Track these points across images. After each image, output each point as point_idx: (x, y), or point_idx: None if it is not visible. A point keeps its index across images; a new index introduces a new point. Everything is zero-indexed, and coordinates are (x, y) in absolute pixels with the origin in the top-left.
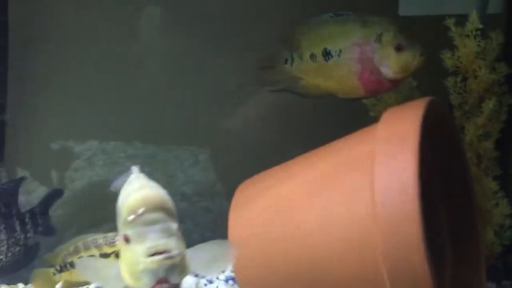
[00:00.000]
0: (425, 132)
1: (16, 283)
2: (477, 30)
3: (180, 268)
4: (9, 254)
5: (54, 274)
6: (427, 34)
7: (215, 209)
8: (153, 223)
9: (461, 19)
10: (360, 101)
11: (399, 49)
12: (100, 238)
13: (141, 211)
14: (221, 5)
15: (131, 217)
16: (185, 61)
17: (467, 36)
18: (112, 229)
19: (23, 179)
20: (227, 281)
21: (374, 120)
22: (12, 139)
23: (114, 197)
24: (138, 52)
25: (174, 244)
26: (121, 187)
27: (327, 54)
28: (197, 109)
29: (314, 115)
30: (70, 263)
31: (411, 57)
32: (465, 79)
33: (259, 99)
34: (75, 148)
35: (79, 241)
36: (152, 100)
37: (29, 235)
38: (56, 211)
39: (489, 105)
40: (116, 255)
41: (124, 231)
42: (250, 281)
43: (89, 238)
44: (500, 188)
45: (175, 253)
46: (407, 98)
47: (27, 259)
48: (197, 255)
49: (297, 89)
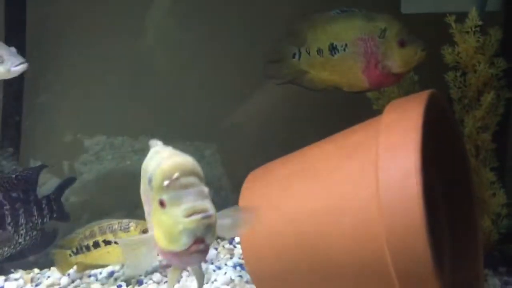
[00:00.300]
0: (426, 124)
1: (32, 268)
2: (476, 26)
3: (213, 229)
4: (27, 238)
5: (70, 255)
6: (428, 31)
7: (220, 203)
8: (187, 186)
9: (461, 16)
10: (364, 94)
11: (402, 44)
12: (115, 223)
13: (175, 176)
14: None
15: (166, 182)
16: (190, 60)
17: (467, 32)
18: (124, 217)
19: (42, 167)
20: (235, 267)
21: (378, 113)
22: (26, 134)
23: (125, 186)
24: (145, 51)
25: (209, 205)
26: None
27: (333, 48)
28: (203, 105)
29: (319, 109)
30: (86, 246)
31: (413, 52)
32: (464, 74)
33: (264, 94)
34: (85, 142)
35: (95, 226)
36: (158, 97)
37: (45, 220)
38: (70, 199)
39: (488, 98)
40: None
41: (158, 196)
42: (259, 266)
43: (105, 223)
44: (497, 178)
45: (211, 213)
46: (408, 92)
47: (44, 243)
48: (219, 220)
49: (304, 82)
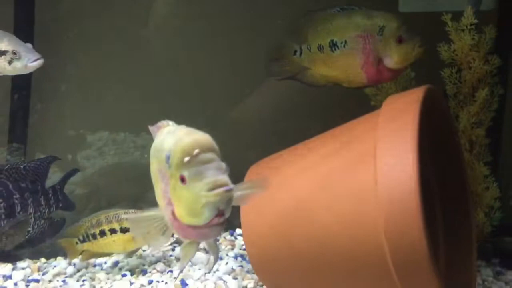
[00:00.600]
0: (423, 118)
1: (39, 258)
2: (471, 25)
3: (232, 202)
4: (36, 226)
5: (77, 243)
6: (425, 29)
7: None
8: (207, 162)
9: (457, 15)
10: (362, 91)
11: (399, 41)
12: (121, 213)
13: (196, 152)
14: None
15: (187, 159)
16: (191, 56)
17: (462, 30)
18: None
19: (51, 158)
20: (236, 257)
21: (376, 109)
22: (32, 130)
23: (128, 178)
24: (146, 49)
25: (228, 179)
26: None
27: (333, 45)
28: (204, 102)
29: (318, 106)
30: (92, 234)
31: (411, 49)
32: (460, 71)
33: (266, 88)
34: (88, 138)
35: (102, 215)
36: (159, 93)
37: (52, 209)
38: (76, 191)
39: (482, 94)
40: None
41: (178, 173)
42: (260, 252)
43: (111, 212)
44: (490, 172)
45: (232, 186)
46: (405, 88)
47: (52, 232)
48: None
49: (305, 78)
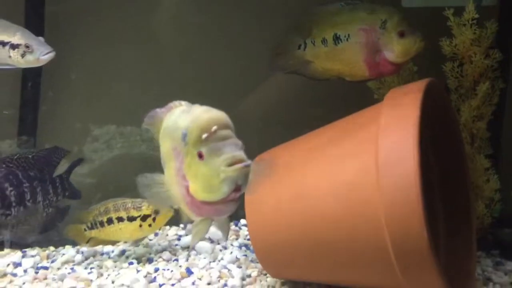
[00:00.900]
0: (425, 110)
1: (47, 246)
2: (473, 19)
3: (248, 178)
4: (44, 214)
5: (85, 230)
6: (428, 23)
7: None
8: (225, 138)
9: (460, 10)
10: (365, 85)
11: (401, 35)
12: (128, 202)
13: (214, 128)
14: None
15: (205, 135)
16: (199, 51)
17: (464, 25)
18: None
19: (61, 150)
20: (240, 247)
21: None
22: (41, 123)
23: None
24: (154, 44)
25: (245, 156)
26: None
27: (337, 38)
28: (212, 94)
29: (323, 99)
30: (100, 222)
31: (412, 42)
32: (461, 65)
33: (272, 81)
34: (95, 131)
35: (110, 203)
36: (166, 87)
37: (59, 198)
38: (85, 180)
39: (483, 88)
40: (141, 219)
41: (196, 149)
42: (264, 240)
43: (119, 201)
44: (491, 165)
45: (250, 162)
46: (408, 82)
47: (58, 220)
48: None
49: (308, 72)
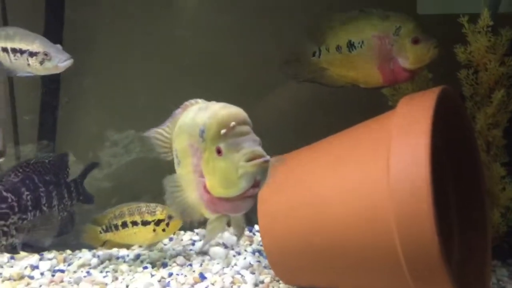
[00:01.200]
0: (438, 117)
1: (64, 249)
2: (488, 27)
3: (267, 174)
4: (59, 218)
5: (100, 232)
6: (443, 30)
7: None
8: (244, 134)
9: (475, 17)
10: (380, 92)
11: (415, 42)
12: (143, 206)
13: (232, 124)
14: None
15: (224, 131)
16: (218, 57)
17: (479, 32)
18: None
19: (67, 154)
20: (254, 253)
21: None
22: (61, 128)
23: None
24: (174, 50)
25: (264, 151)
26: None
27: (351, 45)
28: (230, 100)
29: (338, 106)
30: (115, 225)
31: (426, 49)
32: (476, 72)
33: (287, 87)
34: (115, 136)
35: (125, 207)
36: (185, 93)
37: (74, 202)
38: (101, 184)
39: (498, 95)
40: (155, 223)
41: (214, 145)
42: (276, 247)
43: (134, 205)
44: (507, 173)
45: (268, 158)
46: (422, 89)
47: (72, 224)
48: None
49: (323, 79)
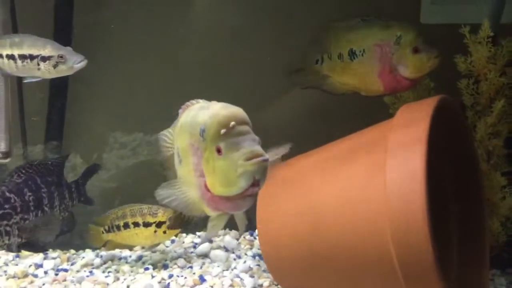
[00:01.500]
0: (438, 127)
1: (68, 249)
2: (488, 37)
3: (266, 173)
4: (60, 218)
5: (103, 232)
6: (447, 40)
7: None
8: (243, 134)
9: (477, 27)
10: (381, 100)
11: (415, 51)
12: (145, 208)
13: (232, 124)
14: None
15: (223, 131)
16: (227, 63)
17: (479, 42)
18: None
19: (67, 155)
20: (254, 257)
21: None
22: (68, 130)
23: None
24: (182, 53)
25: (263, 151)
26: None
27: (352, 53)
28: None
29: (340, 112)
30: (117, 225)
31: (426, 59)
32: (477, 82)
33: (292, 94)
34: (122, 138)
35: (127, 208)
36: (194, 97)
37: (74, 202)
38: (103, 185)
39: (499, 105)
40: (156, 225)
41: (214, 144)
42: (274, 252)
43: (136, 206)
44: (508, 183)
45: (268, 157)
46: (424, 98)
47: (72, 225)
48: None
49: (325, 86)
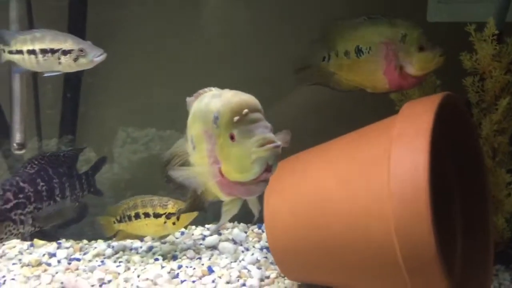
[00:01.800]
0: (441, 122)
1: (81, 239)
2: (493, 35)
3: (278, 158)
4: (72, 208)
5: (114, 222)
6: (453, 38)
7: None
8: (256, 121)
9: (483, 26)
10: (388, 97)
11: (421, 49)
12: (156, 199)
13: (245, 111)
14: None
15: (237, 118)
16: (239, 57)
17: (484, 40)
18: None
19: (82, 148)
20: (261, 249)
21: None
22: (81, 125)
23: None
24: (196, 49)
25: (275, 137)
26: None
27: (359, 51)
28: None
29: (345, 109)
30: (128, 216)
31: (431, 57)
32: (482, 79)
33: (300, 91)
34: (135, 133)
35: (138, 199)
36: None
37: (85, 193)
38: (116, 178)
39: (504, 103)
40: (166, 217)
41: (227, 132)
42: (281, 245)
43: (147, 198)
44: None
45: (280, 143)
46: (429, 95)
47: (83, 215)
48: None
49: (331, 83)
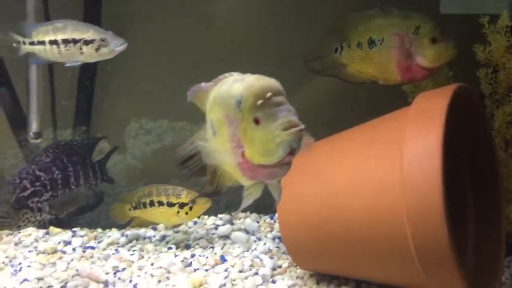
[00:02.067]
0: (454, 113)
1: (96, 228)
2: (507, 27)
3: (301, 142)
4: (86, 195)
5: (129, 209)
6: (466, 29)
7: None
8: (279, 104)
9: (496, 18)
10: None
11: (433, 41)
12: (170, 189)
13: (269, 95)
14: None
15: (260, 101)
16: (250, 49)
17: (498, 32)
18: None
19: (101, 138)
20: (274, 239)
21: None
22: (96, 116)
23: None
24: (208, 43)
25: (299, 120)
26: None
27: (371, 42)
28: None
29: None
30: (143, 203)
31: (444, 49)
32: (496, 71)
33: (314, 82)
34: (148, 125)
35: (153, 187)
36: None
37: (98, 181)
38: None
39: None
40: (179, 206)
41: (251, 115)
42: (293, 235)
43: (161, 186)
44: None
45: (303, 126)
46: (442, 86)
47: (97, 203)
48: None
49: (343, 75)
